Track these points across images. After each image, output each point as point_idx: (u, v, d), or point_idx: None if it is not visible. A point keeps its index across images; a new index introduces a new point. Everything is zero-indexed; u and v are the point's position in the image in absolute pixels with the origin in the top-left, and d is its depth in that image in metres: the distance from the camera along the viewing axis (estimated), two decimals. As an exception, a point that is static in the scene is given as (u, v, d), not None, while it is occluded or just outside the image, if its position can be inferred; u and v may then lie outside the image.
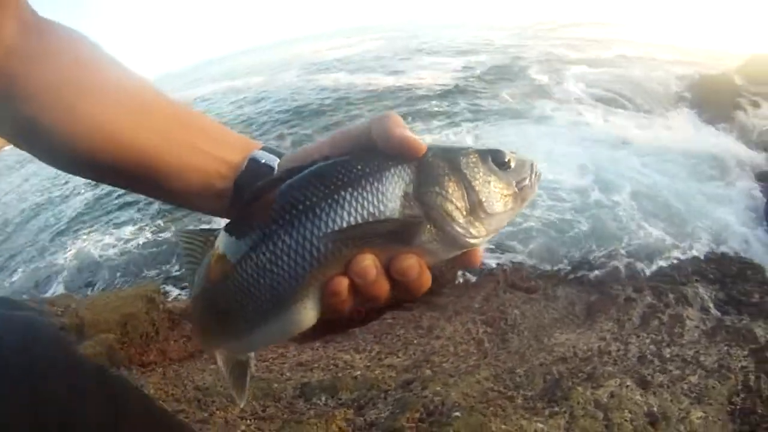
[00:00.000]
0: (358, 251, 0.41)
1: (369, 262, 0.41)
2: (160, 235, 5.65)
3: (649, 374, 2.32)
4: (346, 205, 0.41)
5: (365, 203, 0.41)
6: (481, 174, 0.43)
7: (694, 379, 2.28)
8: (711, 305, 3.29)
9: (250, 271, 0.43)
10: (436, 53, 16.23)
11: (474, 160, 0.44)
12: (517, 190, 0.45)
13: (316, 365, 2.33)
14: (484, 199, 0.43)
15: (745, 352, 2.48)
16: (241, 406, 0.99)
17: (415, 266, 0.42)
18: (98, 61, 0.52)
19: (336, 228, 0.40)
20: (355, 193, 0.41)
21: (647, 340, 2.75)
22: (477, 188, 0.43)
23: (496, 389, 2.07)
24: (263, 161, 0.50)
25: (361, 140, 0.46)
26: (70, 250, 5.99)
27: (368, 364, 2.41)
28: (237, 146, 0.52)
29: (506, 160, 0.44)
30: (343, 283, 0.41)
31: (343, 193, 0.41)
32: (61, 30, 0.52)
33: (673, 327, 2.95)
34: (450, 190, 0.42)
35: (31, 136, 0.50)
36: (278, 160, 0.51)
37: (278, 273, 0.41)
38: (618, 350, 2.79)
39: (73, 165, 0.53)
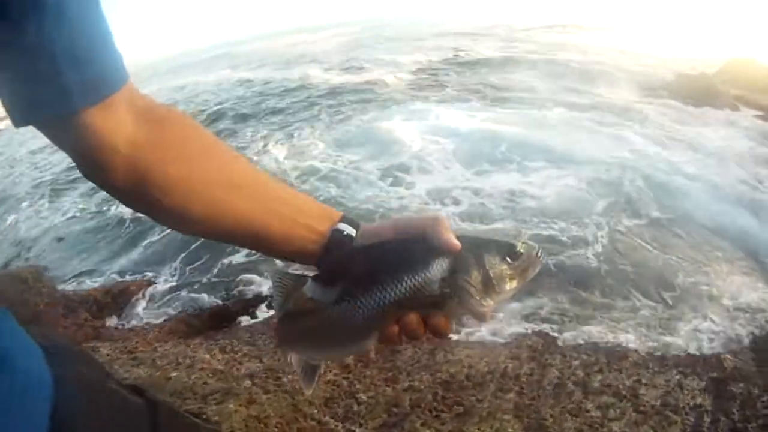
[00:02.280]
0: (408, 311, 0.59)
1: (414, 319, 0.59)
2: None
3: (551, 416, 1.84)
4: (404, 282, 0.59)
5: (416, 282, 0.59)
6: (496, 265, 0.61)
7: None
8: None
9: (335, 315, 0.61)
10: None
11: (493, 255, 0.61)
12: (521, 272, 0.62)
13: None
14: (496, 284, 0.60)
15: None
16: (309, 392, 1.24)
17: (443, 322, 0.60)
18: (211, 147, 0.64)
19: (397, 298, 0.59)
20: (411, 275, 0.59)
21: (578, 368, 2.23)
22: (493, 276, 0.60)
23: (314, 416, 1.61)
24: (345, 232, 0.65)
25: (417, 232, 0.62)
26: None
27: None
28: (324, 216, 0.66)
29: (517, 251, 0.61)
30: (395, 329, 0.60)
31: (403, 274, 0.59)
32: (171, 115, 0.62)
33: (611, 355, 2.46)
34: (473, 278, 0.60)
35: (161, 217, 0.62)
36: (355, 232, 0.65)
37: (356, 319, 0.60)
38: (531, 374, 2.24)
39: (194, 233, 0.65)
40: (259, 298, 3.58)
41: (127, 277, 4.29)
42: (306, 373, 0.67)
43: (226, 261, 4.26)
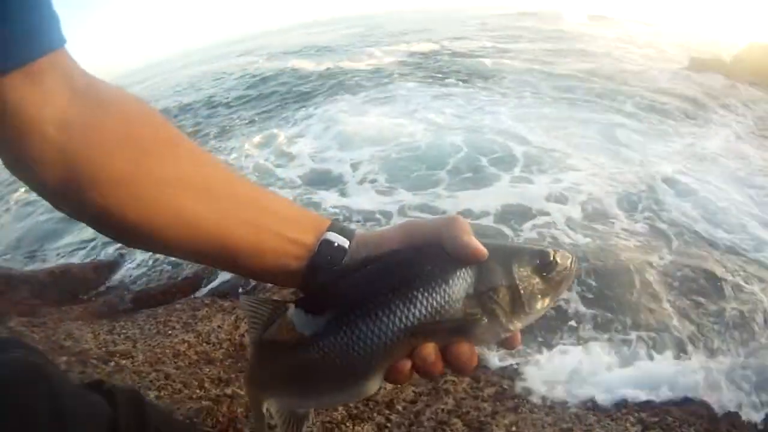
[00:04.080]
0: (424, 340, 0.47)
1: (430, 350, 0.47)
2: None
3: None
4: (418, 303, 0.46)
5: (434, 303, 0.46)
6: (527, 279, 0.49)
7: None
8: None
9: (327, 349, 0.47)
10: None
11: (524, 265, 0.50)
12: (555, 286, 0.51)
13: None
14: (526, 302, 0.49)
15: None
16: None
17: (467, 352, 0.48)
18: (166, 140, 0.51)
19: (408, 324, 0.46)
20: (426, 294, 0.46)
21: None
22: (523, 292, 0.49)
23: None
24: (336, 244, 0.52)
25: (428, 237, 0.50)
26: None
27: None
28: (309, 226, 0.53)
29: (551, 260, 0.50)
30: (407, 365, 0.47)
31: (415, 292, 0.46)
32: (118, 95, 0.50)
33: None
34: (501, 295, 0.48)
35: (101, 222, 0.49)
36: (348, 243, 0.52)
37: (354, 355, 0.46)
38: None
39: (148, 248, 0.54)
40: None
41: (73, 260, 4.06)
42: (289, 425, 0.53)
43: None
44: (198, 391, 1.86)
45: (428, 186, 4.95)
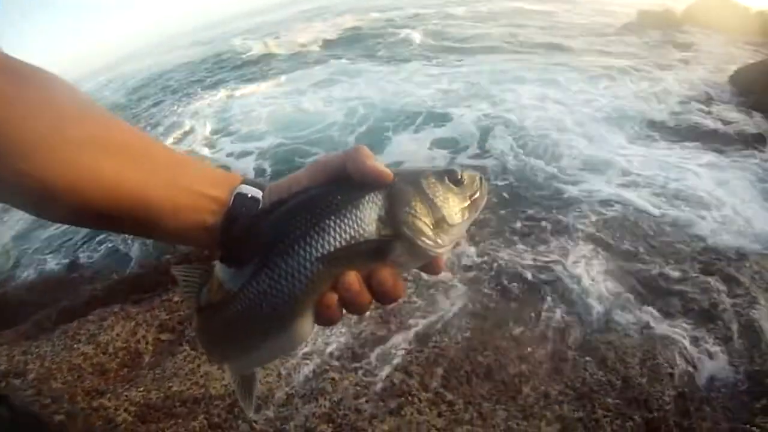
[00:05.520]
0: (344, 269, 0.46)
1: (353, 278, 0.47)
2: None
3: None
4: (332, 231, 0.46)
5: (347, 228, 0.46)
6: (440, 193, 0.50)
7: None
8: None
9: (252, 296, 0.47)
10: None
11: (433, 181, 0.50)
12: (470, 202, 0.51)
13: None
14: (446, 214, 0.49)
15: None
16: (250, 415, 1.02)
17: (389, 277, 0.48)
18: (82, 107, 0.52)
19: (325, 252, 0.46)
20: (338, 221, 0.46)
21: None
22: (439, 205, 0.49)
23: None
24: (249, 195, 0.53)
25: (336, 171, 0.51)
26: None
27: None
28: (222, 182, 0.54)
29: (459, 177, 0.51)
30: (333, 298, 0.47)
31: (327, 221, 0.46)
32: (37, 71, 0.51)
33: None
34: (418, 209, 0.48)
35: (21, 188, 0.47)
36: (261, 193, 0.53)
37: (278, 296, 0.46)
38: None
39: (67, 216, 0.52)
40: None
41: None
42: (242, 389, 0.53)
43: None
44: (65, 405, 1.83)
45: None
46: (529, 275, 2.83)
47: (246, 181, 0.55)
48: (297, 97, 8.05)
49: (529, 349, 2.28)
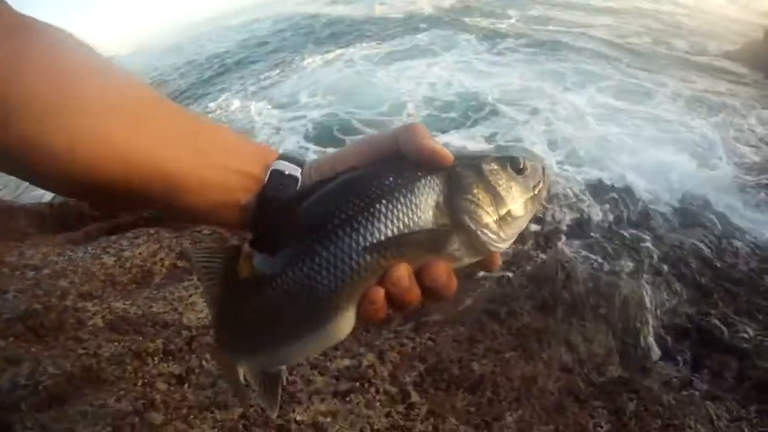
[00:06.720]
0: (394, 261, 0.42)
1: (404, 272, 0.42)
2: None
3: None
4: (383, 218, 0.41)
5: (401, 215, 0.41)
6: (504, 181, 0.45)
7: None
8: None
9: (287, 287, 0.43)
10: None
11: (496, 167, 0.45)
12: (533, 194, 0.46)
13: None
14: (510, 204, 0.44)
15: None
16: (274, 416, 0.93)
17: (443, 273, 0.43)
18: (94, 67, 0.47)
19: (374, 241, 0.41)
20: (390, 206, 0.42)
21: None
22: (503, 194, 0.44)
23: None
24: (287, 172, 0.48)
25: (386, 150, 0.47)
26: None
27: None
28: (255, 157, 0.50)
29: (522, 166, 0.46)
30: (379, 292, 0.42)
31: (378, 206, 0.42)
32: (46, 28, 0.46)
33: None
34: (480, 198, 0.43)
35: (26, 157, 0.42)
36: (300, 170, 0.49)
37: (318, 288, 0.42)
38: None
39: (76, 188, 0.47)
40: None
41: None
42: (266, 389, 0.48)
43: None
44: (53, 300, 1.93)
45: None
46: (577, 288, 2.38)
47: (283, 157, 0.50)
48: (372, 67, 7.85)
49: (539, 372, 1.90)
